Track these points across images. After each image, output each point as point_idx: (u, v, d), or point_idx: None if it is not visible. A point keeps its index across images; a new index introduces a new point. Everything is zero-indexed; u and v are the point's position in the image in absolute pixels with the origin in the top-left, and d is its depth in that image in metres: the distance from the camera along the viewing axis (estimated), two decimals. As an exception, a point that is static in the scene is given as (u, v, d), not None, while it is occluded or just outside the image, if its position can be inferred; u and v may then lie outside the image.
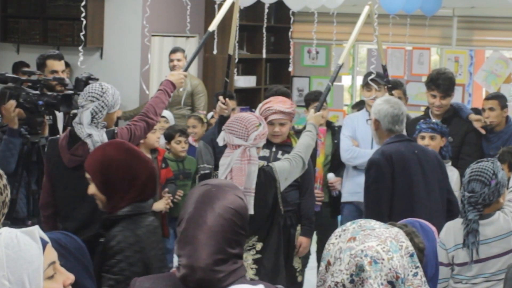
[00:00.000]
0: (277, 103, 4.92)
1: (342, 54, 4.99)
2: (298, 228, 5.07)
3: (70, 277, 1.72)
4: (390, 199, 4.39)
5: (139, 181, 3.15)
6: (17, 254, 1.60)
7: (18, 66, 8.50)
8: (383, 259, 1.92)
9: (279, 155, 4.84)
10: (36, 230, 1.67)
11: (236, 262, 2.08)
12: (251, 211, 3.96)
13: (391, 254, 1.94)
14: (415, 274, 2.01)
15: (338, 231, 2.06)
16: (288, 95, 5.76)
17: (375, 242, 1.95)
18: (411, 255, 2.01)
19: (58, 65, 5.40)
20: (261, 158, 4.38)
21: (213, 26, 4.91)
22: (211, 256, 2.03)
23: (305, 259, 5.36)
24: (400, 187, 4.41)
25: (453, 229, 3.96)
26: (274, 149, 4.93)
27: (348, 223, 2.06)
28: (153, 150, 5.51)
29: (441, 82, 5.57)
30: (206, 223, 2.05)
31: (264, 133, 4.06)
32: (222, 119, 4.88)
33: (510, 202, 4.02)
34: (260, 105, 5.02)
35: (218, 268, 2.04)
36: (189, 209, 2.09)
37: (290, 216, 4.98)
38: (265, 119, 4.79)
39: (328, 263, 2.00)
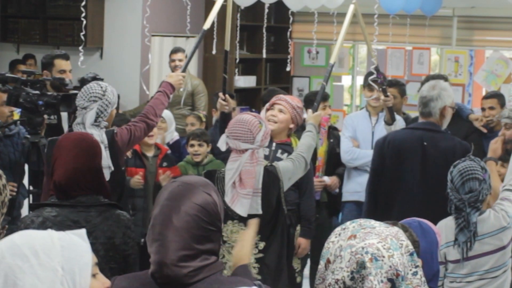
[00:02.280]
0: (286, 95, 4.99)
1: (333, 54, 5.01)
2: (298, 228, 5.07)
3: (107, 282, 1.78)
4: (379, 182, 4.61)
5: (55, 177, 3.19)
6: (70, 246, 1.67)
7: (14, 64, 8.53)
8: (384, 257, 1.93)
9: (278, 154, 4.83)
10: (83, 232, 1.75)
11: (208, 258, 2.10)
12: (259, 211, 3.96)
13: (391, 251, 1.94)
14: (415, 273, 2.01)
15: (337, 230, 2.06)
16: (284, 96, 5.76)
17: (375, 239, 1.95)
18: (411, 254, 2.02)
19: (66, 65, 5.43)
20: (260, 156, 4.38)
21: (207, 25, 4.91)
22: (176, 252, 2.06)
23: (303, 260, 5.36)
24: (389, 174, 4.53)
25: (445, 227, 3.97)
26: (273, 148, 4.92)
27: (348, 222, 2.06)
28: (156, 148, 5.57)
29: None
30: (171, 220, 2.08)
31: (268, 132, 4.05)
32: (223, 116, 4.88)
33: (502, 200, 4.04)
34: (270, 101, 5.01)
35: (185, 264, 2.06)
36: (157, 206, 2.14)
37: (290, 216, 4.96)
38: (270, 105, 4.85)
39: (328, 261, 2.00)
